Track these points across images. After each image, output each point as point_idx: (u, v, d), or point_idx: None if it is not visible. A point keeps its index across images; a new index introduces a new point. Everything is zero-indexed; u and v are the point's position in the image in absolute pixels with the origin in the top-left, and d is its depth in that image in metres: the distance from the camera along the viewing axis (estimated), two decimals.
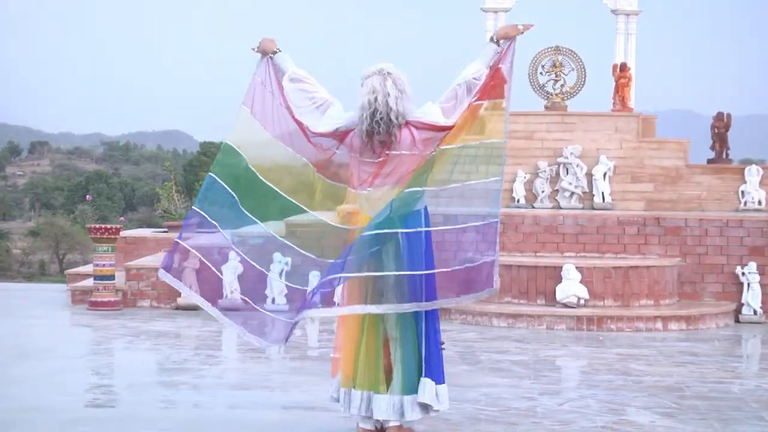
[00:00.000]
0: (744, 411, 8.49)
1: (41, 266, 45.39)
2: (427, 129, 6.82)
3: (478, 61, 7.14)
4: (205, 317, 13.94)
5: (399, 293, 6.65)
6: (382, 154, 6.79)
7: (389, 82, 6.72)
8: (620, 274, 14.08)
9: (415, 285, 6.71)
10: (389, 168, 6.81)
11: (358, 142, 6.81)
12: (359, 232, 6.79)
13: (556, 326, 13.44)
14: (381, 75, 6.77)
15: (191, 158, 64.26)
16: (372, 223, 6.70)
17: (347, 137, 6.85)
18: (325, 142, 6.92)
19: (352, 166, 6.96)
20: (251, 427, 7.46)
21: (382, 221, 6.72)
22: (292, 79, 6.96)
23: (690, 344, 12.44)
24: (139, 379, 9.55)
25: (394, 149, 6.77)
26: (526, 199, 16.22)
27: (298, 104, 6.93)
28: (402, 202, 6.82)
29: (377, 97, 6.69)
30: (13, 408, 8.04)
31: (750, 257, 14.85)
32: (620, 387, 9.47)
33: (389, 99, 6.69)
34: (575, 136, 16.44)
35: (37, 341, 11.94)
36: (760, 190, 16.15)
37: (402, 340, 6.71)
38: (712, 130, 16.93)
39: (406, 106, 6.75)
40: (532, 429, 7.65)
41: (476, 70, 7.06)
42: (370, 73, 6.81)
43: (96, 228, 14.94)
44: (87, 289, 15.07)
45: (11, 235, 53.36)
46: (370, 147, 6.78)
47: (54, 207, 59.67)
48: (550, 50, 17.30)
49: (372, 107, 6.67)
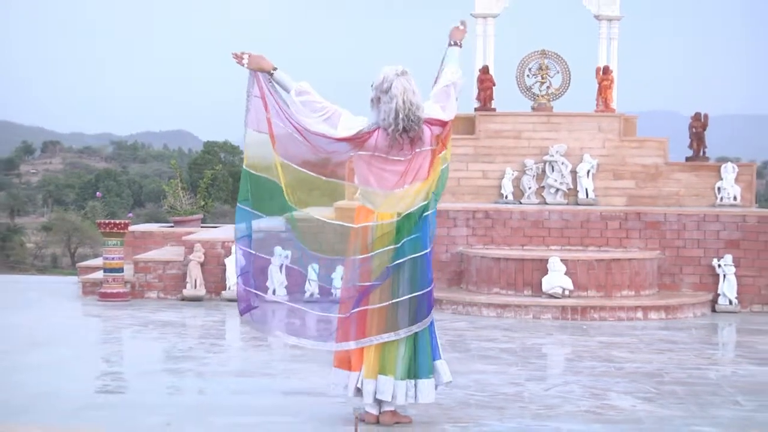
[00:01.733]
0: (720, 395, 8.51)
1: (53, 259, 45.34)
2: (438, 125, 7.08)
3: (452, 63, 7.31)
4: (209, 308, 13.97)
5: (416, 314, 6.93)
6: (412, 152, 6.91)
7: (412, 81, 6.93)
8: (603, 266, 14.08)
9: (425, 302, 6.96)
10: (417, 164, 6.99)
11: (385, 142, 6.90)
12: (379, 228, 6.92)
13: (542, 316, 13.45)
14: (404, 76, 6.96)
15: (196, 157, 64.20)
16: (393, 252, 6.89)
17: (370, 138, 6.90)
18: (343, 146, 6.93)
19: (368, 165, 7.00)
20: (253, 412, 7.47)
21: (401, 248, 6.91)
22: (299, 93, 6.96)
23: (669, 333, 12.45)
24: (146, 367, 9.55)
25: (421, 146, 6.95)
26: (514, 195, 16.22)
27: (307, 116, 6.93)
28: (415, 223, 6.99)
29: (409, 96, 6.84)
30: (28, 394, 8.05)
31: (726, 250, 14.86)
32: (603, 373, 9.49)
33: (416, 97, 6.91)
34: (560, 136, 16.44)
35: (50, 330, 11.95)
36: (736, 187, 16.16)
37: (420, 332, 6.96)
38: (689, 129, 16.92)
39: (422, 104, 6.92)
40: (519, 413, 7.67)
41: (454, 72, 7.18)
42: (394, 75, 6.95)
43: (105, 223, 14.94)
44: (97, 281, 15.07)
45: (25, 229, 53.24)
46: (400, 145, 6.87)
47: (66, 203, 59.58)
48: (536, 54, 17.30)
49: (406, 106, 6.80)
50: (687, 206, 15.97)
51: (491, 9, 17.78)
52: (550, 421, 7.40)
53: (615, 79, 17.25)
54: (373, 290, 6.88)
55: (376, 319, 6.87)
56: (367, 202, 7.02)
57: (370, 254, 6.90)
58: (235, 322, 13.07)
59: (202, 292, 14.71)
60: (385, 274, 6.88)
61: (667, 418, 7.57)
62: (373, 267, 6.89)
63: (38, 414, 7.29)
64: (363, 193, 7.08)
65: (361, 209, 7.04)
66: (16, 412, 7.36)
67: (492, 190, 16.34)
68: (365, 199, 7.04)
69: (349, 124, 6.91)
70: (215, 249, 15.01)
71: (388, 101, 6.86)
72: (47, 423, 6.95)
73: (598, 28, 17.87)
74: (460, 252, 14.95)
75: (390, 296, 6.89)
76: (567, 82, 17.19)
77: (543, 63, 17.21)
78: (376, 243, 6.90)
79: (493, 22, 17.83)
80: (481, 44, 17.82)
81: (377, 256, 6.89)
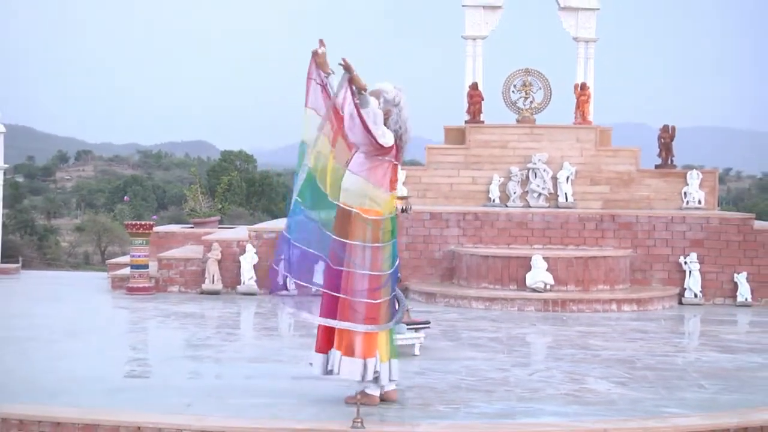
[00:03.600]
0: (686, 380, 8.51)
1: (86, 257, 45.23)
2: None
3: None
4: (226, 300, 13.96)
5: (396, 304, 7.34)
6: (399, 159, 7.16)
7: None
8: (581, 263, 14.07)
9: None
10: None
11: (398, 151, 7.06)
12: (389, 222, 6.98)
13: (526, 308, 13.43)
14: (402, 91, 7.02)
15: (214, 164, 64.07)
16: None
17: (394, 147, 6.99)
18: (383, 153, 6.96)
19: (387, 171, 7.02)
20: (265, 394, 7.46)
21: (395, 244, 7.06)
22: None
23: (640, 323, 12.44)
24: (169, 354, 9.54)
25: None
26: (501, 199, 16.21)
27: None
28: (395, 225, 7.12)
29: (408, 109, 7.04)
30: (64, 378, 8.05)
31: (691, 248, 14.85)
32: (581, 360, 9.48)
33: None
34: (542, 145, 16.43)
35: (82, 321, 11.94)
36: (700, 191, 16.17)
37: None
38: (658, 140, 16.92)
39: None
40: (506, 396, 7.66)
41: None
42: (398, 91, 7.05)
43: (132, 224, 14.93)
44: (125, 277, 15.05)
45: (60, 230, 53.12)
46: (400, 154, 7.09)
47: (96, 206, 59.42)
48: (520, 72, 17.31)
49: (409, 120, 6.99)
50: (656, 209, 15.97)
51: (480, 31, 17.80)
52: (534, 403, 7.40)
53: (591, 95, 17.26)
54: (387, 280, 6.88)
55: (385, 307, 6.90)
56: (373, 204, 6.91)
57: (381, 245, 6.88)
58: (250, 312, 13.06)
59: (220, 287, 14.69)
60: (392, 265, 6.90)
61: (639, 400, 7.57)
62: (384, 256, 6.88)
63: (72, 396, 7.29)
64: (372, 193, 6.92)
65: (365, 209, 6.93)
66: (53, 394, 7.36)
67: (481, 194, 16.34)
68: (372, 201, 6.92)
69: (389, 135, 6.94)
70: (231, 248, 14.99)
71: (398, 112, 6.91)
72: (81, 405, 6.94)
73: (576, 49, 17.89)
74: (451, 250, 14.94)
75: (391, 288, 6.93)
76: (548, 97, 17.20)
77: (527, 80, 17.23)
78: (385, 235, 6.89)
79: (481, 43, 17.86)
80: (471, 63, 17.84)
81: (385, 247, 6.89)
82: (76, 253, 46.56)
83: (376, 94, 7.00)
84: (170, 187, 70.10)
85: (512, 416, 6.95)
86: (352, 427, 6.27)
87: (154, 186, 70.59)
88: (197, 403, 7.15)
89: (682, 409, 7.28)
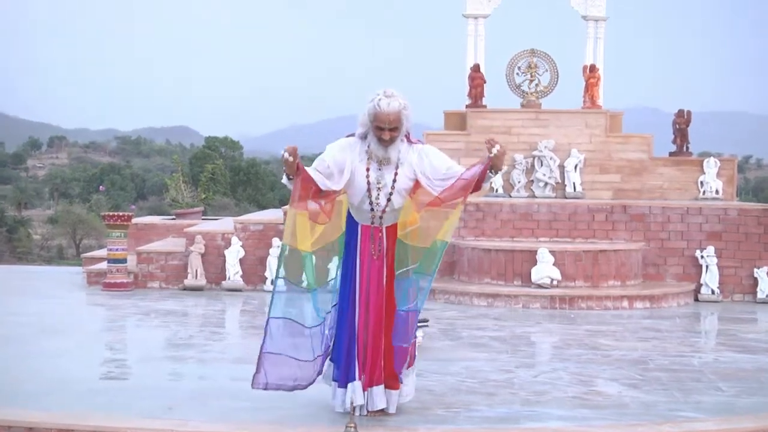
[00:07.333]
0: (703, 382, 8.52)
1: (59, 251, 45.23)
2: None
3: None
4: (210, 297, 13.96)
5: None
6: None
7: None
8: (590, 257, 14.09)
9: None
10: None
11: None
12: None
13: (531, 305, 13.45)
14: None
15: (197, 151, 64.06)
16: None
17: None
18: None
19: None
20: (251, 397, 7.45)
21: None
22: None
23: (653, 321, 12.46)
24: (149, 354, 9.54)
25: None
26: (504, 189, 16.21)
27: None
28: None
29: None
30: (36, 380, 8.04)
31: (708, 242, 14.88)
32: (590, 360, 9.49)
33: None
34: (549, 131, 16.44)
35: (56, 319, 11.92)
36: (717, 181, 16.18)
37: None
38: (673, 125, 16.94)
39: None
40: (509, 399, 7.67)
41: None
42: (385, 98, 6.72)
43: (110, 215, 14.92)
44: (101, 272, 15.05)
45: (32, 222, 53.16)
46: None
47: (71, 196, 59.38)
48: (525, 53, 17.30)
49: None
50: (671, 199, 15.98)
51: (482, 9, 17.78)
52: (539, 407, 7.40)
53: (601, 77, 17.25)
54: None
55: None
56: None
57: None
58: (235, 311, 13.06)
59: (203, 282, 14.69)
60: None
61: (652, 404, 7.58)
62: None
63: (45, 400, 7.28)
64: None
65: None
66: (25, 397, 7.35)
67: None
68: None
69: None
70: (215, 240, 14.99)
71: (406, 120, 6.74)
72: (55, 408, 6.94)
73: (585, 28, 17.88)
74: (452, 243, 14.94)
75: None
76: (555, 80, 17.20)
77: (532, 61, 17.22)
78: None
79: (483, 22, 17.84)
80: (472, 43, 17.83)
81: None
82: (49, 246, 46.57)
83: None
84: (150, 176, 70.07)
85: (516, 421, 6.96)
86: None
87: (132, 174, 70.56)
88: (179, 406, 7.15)
89: (697, 413, 7.29)
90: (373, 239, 6.80)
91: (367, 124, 6.65)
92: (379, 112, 6.55)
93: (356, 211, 6.84)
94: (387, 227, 6.83)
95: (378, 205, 6.75)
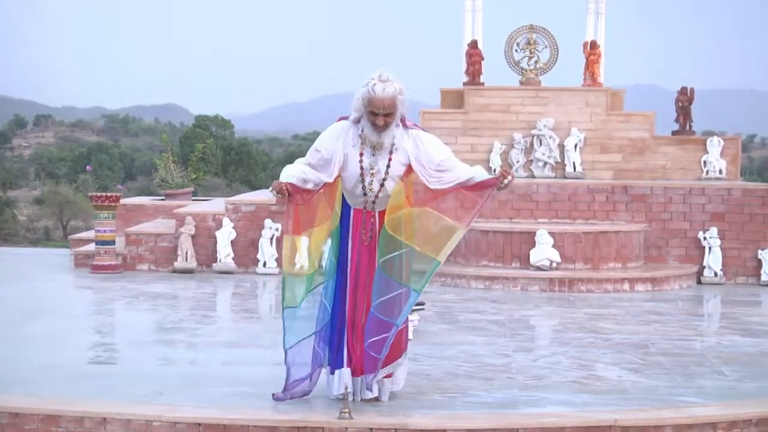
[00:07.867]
0: (705, 366, 8.54)
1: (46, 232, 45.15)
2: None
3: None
4: (200, 280, 13.96)
5: None
6: None
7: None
8: (590, 238, 14.10)
9: None
10: None
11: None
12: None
13: (529, 288, 13.47)
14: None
15: (187, 130, 63.88)
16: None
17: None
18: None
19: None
20: (243, 382, 7.47)
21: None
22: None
23: (655, 304, 12.48)
24: (138, 338, 9.54)
25: None
26: (502, 168, 16.19)
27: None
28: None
29: None
30: (22, 365, 8.04)
31: (711, 223, 14.89)
32: (590, 344, 9.51)
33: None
34: (548, 110, 16.41)
35: (43, 302, 11.93)
36: (721, 160, 16.18)
37: None
38: (676, 103, 16.92)
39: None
40: (507, 384, 7.68)
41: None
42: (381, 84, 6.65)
43: (97, 196, 14.90)
44: (89, 254, 15.04)
45: (17, 202, 52.99)
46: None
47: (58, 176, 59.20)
48: (524, 29, 17.25)
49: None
50: (673, 179, 15.99)
51: None
52: (538, 391, 7.42)
53: (602, 54, 17.22)
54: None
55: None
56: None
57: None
58: (226, 294, 13.07)
59: (193, 265, 14.69)
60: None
61: (653, 388, 7.59)
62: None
63: (32, 384, 7.28)
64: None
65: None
66: (10, 382, 7.35)
67: (480, 163, 16.22)
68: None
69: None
70: (206, 222, 14.97)
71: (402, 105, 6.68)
72: (42, 394, 6.94)
73: (585, 3, 17.83)
74: None
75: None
76: (555, 57, 17.17)
77: (531, 38, 17.18)
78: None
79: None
80: (470, 19, 17.77)
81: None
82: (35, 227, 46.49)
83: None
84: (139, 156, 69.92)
85: (514, 406, 6.97)
86: (339, 418, 6.29)
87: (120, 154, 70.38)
88: (169, 392, 7.15)
89: (700, 398, 7.31)
90: (364, 224, 6.80)
91: (361, 109, 6.60)
92: (374, 98, 6.51)
93: (349, 194, 6.83)
94: (379, 212, 6.82)
95: (371, 191, 6.73)
